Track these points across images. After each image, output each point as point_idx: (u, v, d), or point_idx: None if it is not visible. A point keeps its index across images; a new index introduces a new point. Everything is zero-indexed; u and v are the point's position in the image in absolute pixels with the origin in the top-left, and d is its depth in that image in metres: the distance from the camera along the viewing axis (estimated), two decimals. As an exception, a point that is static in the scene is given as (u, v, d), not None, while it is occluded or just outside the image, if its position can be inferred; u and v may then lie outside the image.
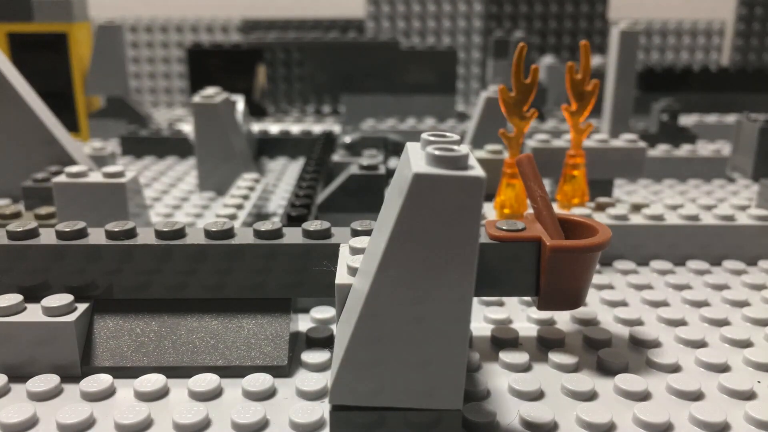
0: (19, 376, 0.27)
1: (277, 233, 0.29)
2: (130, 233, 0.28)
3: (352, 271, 0.24)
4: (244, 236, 0.29)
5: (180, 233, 0.28)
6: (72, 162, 0.49)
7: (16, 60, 0.71)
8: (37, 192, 0.43)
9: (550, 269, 0.26)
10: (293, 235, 0.29)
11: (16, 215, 0.40)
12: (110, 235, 0.28)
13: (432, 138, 0.21)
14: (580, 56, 0.39)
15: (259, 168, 0.64)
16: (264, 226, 0.29)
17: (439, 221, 0.20)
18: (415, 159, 0.20)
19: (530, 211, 0.29)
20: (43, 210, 0.40)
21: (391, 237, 0.20)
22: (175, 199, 0.53)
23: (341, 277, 0.24)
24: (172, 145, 0.69)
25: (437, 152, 0.20)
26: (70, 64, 0.75)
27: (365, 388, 0.22)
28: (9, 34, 0.73)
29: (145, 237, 0.28)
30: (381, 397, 0.22)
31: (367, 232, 0.28)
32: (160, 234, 0.28)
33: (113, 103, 0.78)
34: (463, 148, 0.20)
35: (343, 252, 0.27)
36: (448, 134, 0.21)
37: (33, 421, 0.24)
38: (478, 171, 0.19)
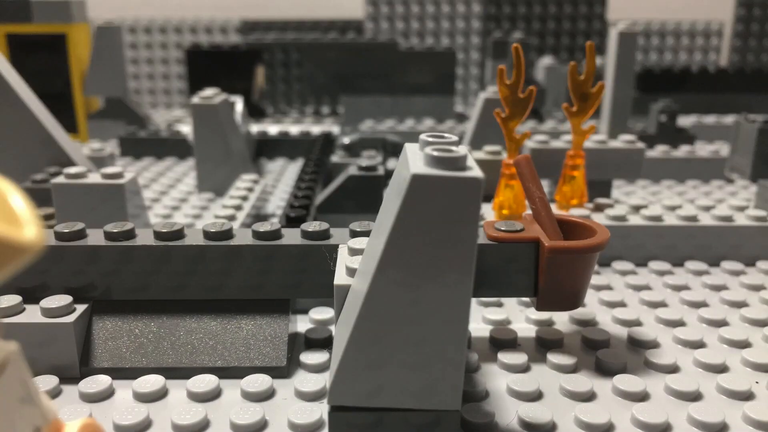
0: (17, 377, 0.27)
1: (275, 234, 0.29)
2: (129, 234, 0.28)
3: (351, 272, 0.24)
4: (243, 237, 0.29)
5: (179, 234, 0.28)
6: (71, 163, 0.49)
7: (14, 61, 0.70)
8: (35, 193, 0.43)
9: (549, 270, 0.26)
10: (292, 236, 0.29)
11: (15, 216, 0.40)
12: (109, 236, 0.28)
13: (430, 139, 0.21)
14: (586, 57, 0.38)
15: (258, 169, 0.64)
16: (263, 227, 0.29)
17: (438, 222, 0.20)
18: (414, 160, 0.20)
19: (529, 212, 0.29)
20: (42, 211, 0.40)
21: (390, 238, 0.20)
22: (173, 200, 0.53)
23: (340, 278, 0.24)
24: (171, 146, 0.69)
25: (436, 153, 0.20)
26: (69, 65, 0.75)
27: (364, 388, 0.22)
28: (8, 34, 0.73)
29: (144, 238, 0.28)
30: (380, 397, 0.22)
31: (366, 233, 0.28)
32: (158, 235, 0.28)
33: (112, 104, 0.78)
34: (462, 149, 0.20)
35: (342, 253, 0.27)
36: (446, 135, 0.21)
37: (32, 422, 0.24)
38: (476, 172, 0.19)
